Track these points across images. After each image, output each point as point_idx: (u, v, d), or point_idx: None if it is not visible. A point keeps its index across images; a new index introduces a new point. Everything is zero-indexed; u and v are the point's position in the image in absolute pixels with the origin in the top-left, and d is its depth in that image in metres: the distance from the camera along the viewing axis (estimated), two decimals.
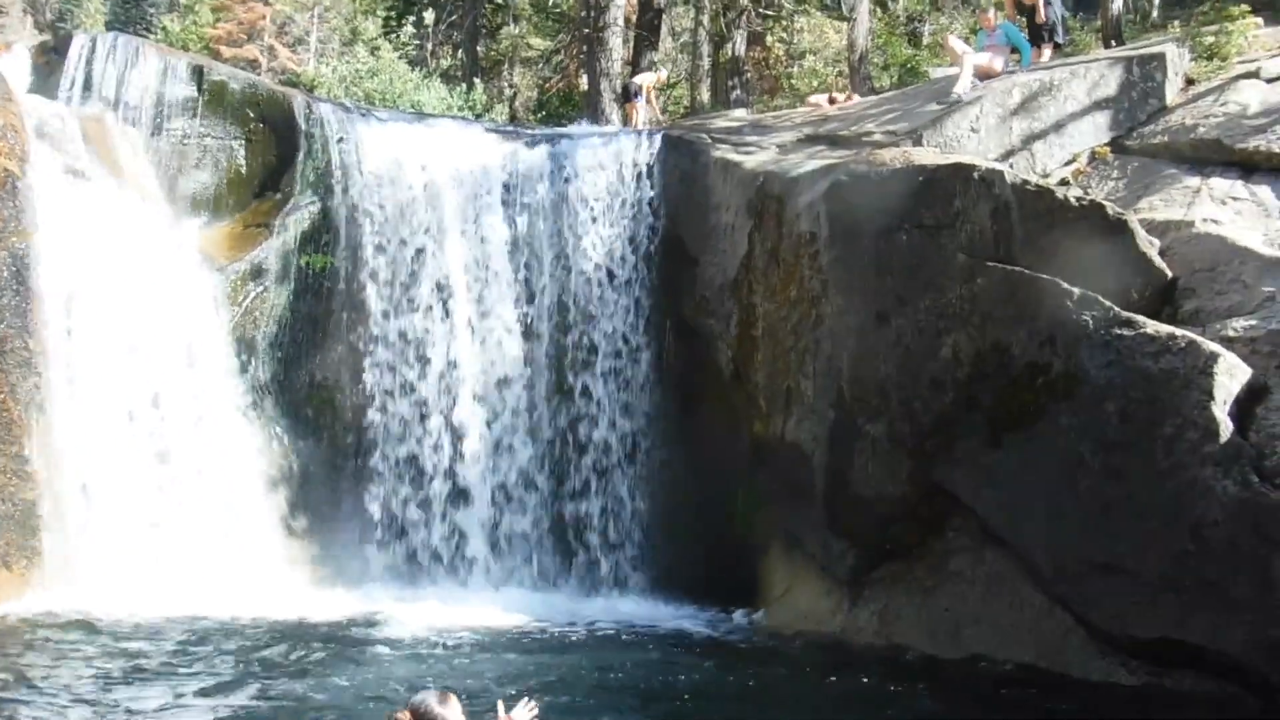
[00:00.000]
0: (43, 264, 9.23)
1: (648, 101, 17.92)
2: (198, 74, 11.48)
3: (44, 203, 9.41)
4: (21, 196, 9.19)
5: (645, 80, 18.30)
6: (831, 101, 15.38)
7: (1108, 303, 7.65)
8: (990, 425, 8.07)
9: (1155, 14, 14.97)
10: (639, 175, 11.71)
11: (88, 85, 11.03)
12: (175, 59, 11.84)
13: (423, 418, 10.84)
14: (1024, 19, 13.63)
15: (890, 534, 8.74)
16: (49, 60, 11.45)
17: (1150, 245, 8.27)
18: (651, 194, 11.65)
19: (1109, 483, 7.31)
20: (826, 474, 9.21)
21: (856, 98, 14.93)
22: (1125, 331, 7.46)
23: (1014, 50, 12.01)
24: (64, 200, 9.64)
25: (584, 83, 26.06)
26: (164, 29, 47.82)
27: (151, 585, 8.83)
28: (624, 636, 8.98)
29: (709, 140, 11.96)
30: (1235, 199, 9.28)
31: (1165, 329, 7.41)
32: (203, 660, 7.36)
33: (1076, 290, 7.78)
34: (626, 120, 17.99)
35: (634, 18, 26.06)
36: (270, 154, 11.40)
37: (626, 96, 18.36)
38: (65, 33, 22.34)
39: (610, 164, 11.80)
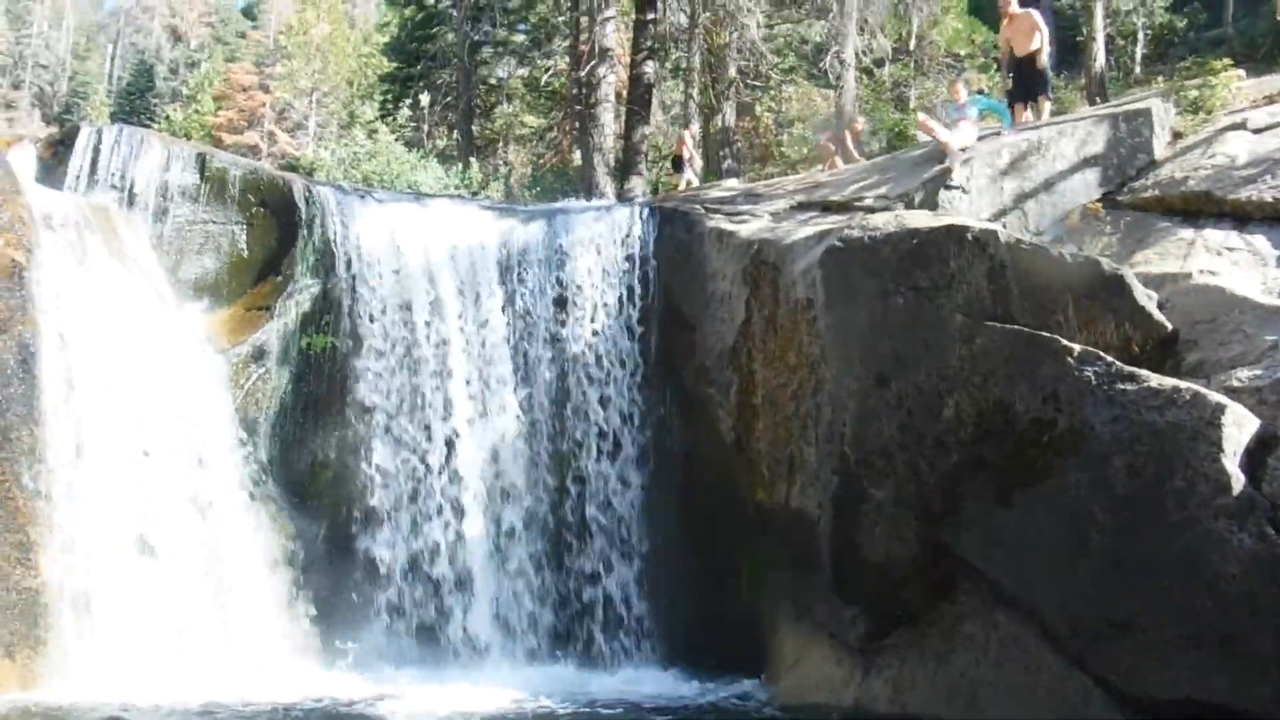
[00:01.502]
0: (48, 353, 9.26)
1: (690, 161, 18.15)
2: (200, 162, 11.65)
3: (50, 292, 9.49)
4: (28, 286, 9.28)
5: (686, 143, 18.45)
6: (838, 142, 15.62)
7: (1109, 358, 7.63)
8: (997, 485, 8.00)
9: (1138, 70, 15.25)
10: (634, 247, 11.81)
11: (93, 175, 11.20)
12: (178, 147, 12.02)
13: (424, 498, 10.79)
14: (1012, 75, 13.85)
15: (900, 599, 8.61)
16: (56, 152, 11.57)
17: (1149, 299, 8.29)
18: (647, 265, 11.73)
19: (1121, 539, 7.21)
20: (833, 540, 9.12)
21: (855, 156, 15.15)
22: (1129, 386, 7.42)
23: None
24: (70, 289, 9.72)
25: (577, 158, 26.45)
26: (167, 118, 48.69)
27: (155, 674, 8.70)
28: (630, 712, 8.81)
29: (703, 211, 12.08)
30: (1231, 249, 9.34)
31: (1169, 382, 7.38)
32: None
33: (1077, 346, 7.76)
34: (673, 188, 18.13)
35: (624, 93, 26.52)
36: (271, 238, 11.51)
37: (678, 169, 18.44)
38: (72, 125, 22.72)
39: (606, 237, 11.90)
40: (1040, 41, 13.41)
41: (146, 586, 9.26)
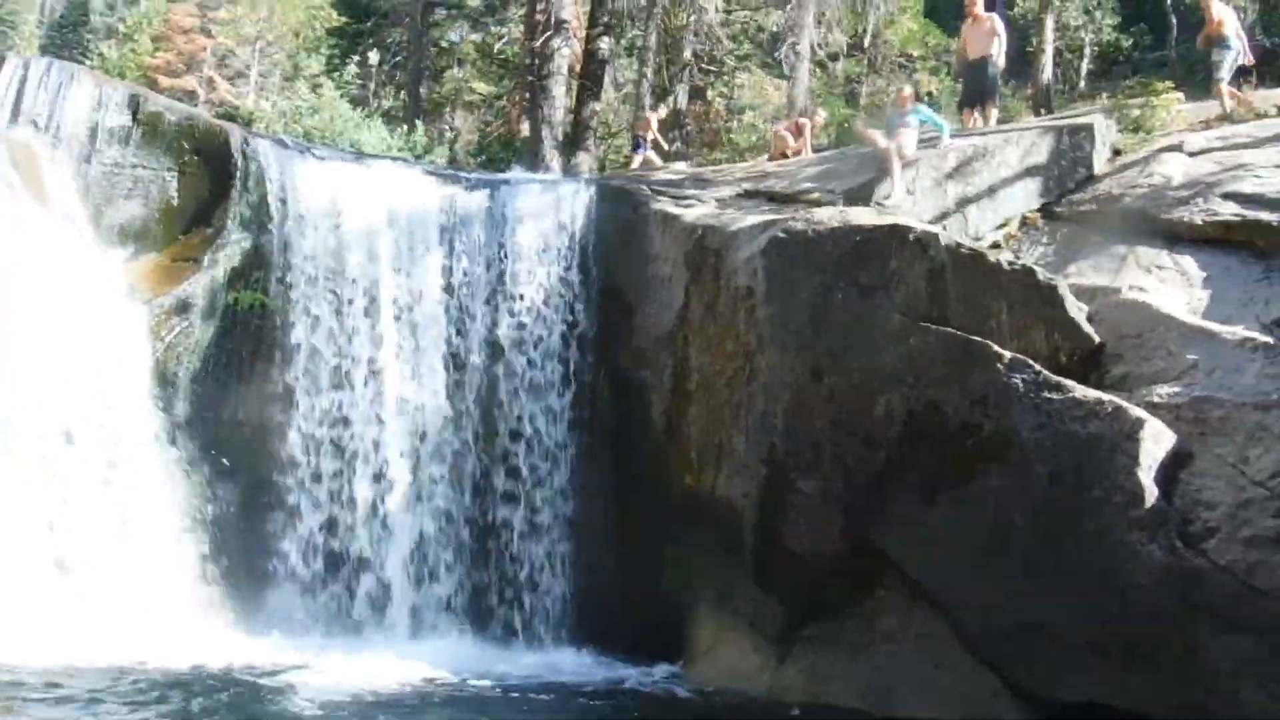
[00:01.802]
0: None
1: (654, 147, 17.64)
2: (133, 103, 11.22)
3: None
4: None
5: (652, 124, 17.94)
6: (797, 129, 15.50)
7: (1038, 366, 7.77)
8: (922, 484, 8.11)
9: (1083, 84, 15.48)
10: (578, 223, 11.68)
11: (17, 110, 10.74)
12: (110, 87, 11.57)
13: (347, 461, 10.59)
14: (963, 79, 13.88)
15: (821, 592, 8.71)
16: None
17: (1079, 310, 8.42)
18: (589, 242, 11.62)
19: (1038, 544, 7.36)
20: (757, 530, 9.17)
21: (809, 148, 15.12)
22: (1054, 395, 7.57)
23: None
24: None
25: (526, 129, 26.15)
26: (101, 56, 47.06)
27: (60, 632, 8.42)
28: (543, 691, 8.77)
29: (649, 192, 12.00)
30: (1160, 268, 9.51)
31: (1093, 394, 7.54)
32: (110, 710, 7.02)
33: (1008, 353, 7.89)
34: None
35: (578, 67, 26.26)
36: (203, 188, 11.14)
37: (636, 148, 17.89)
38: None
39: (549, 211, 11.75)
40: (997, 47, 13.48)
41: (53, 546, 8.98)
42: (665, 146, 17.85)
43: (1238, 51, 12.72)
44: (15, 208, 9.83)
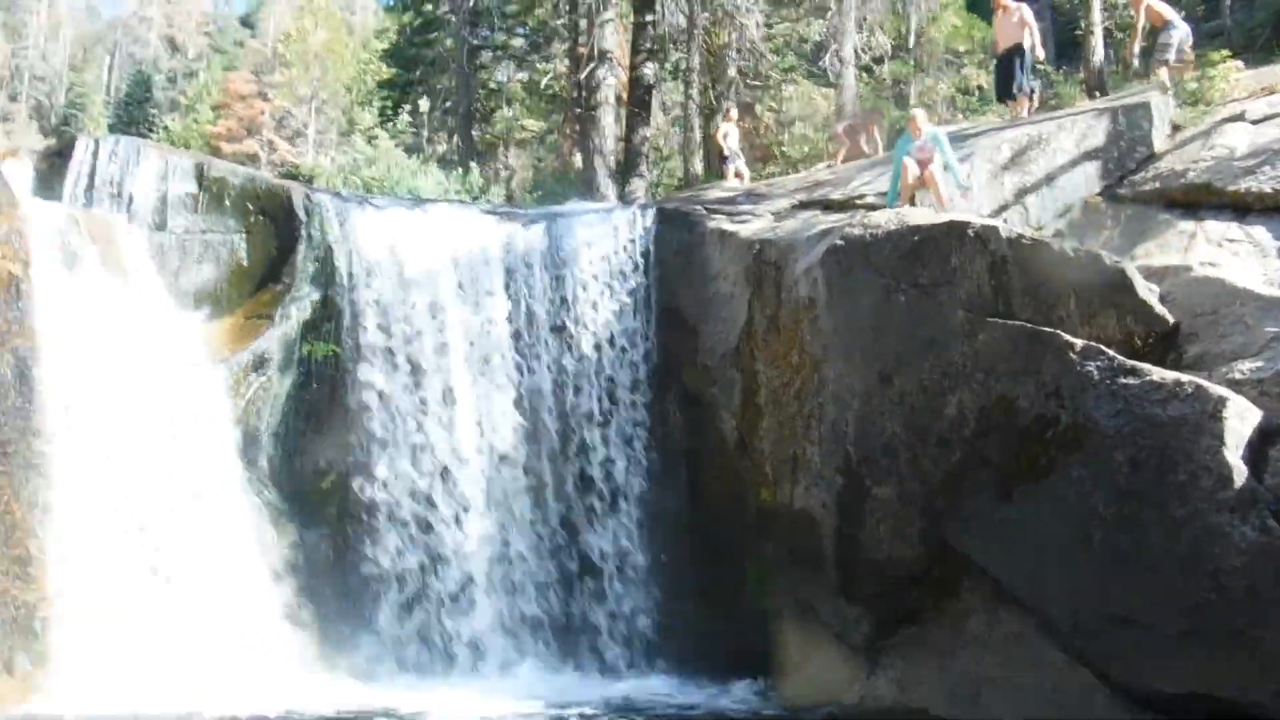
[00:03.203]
0: (46, 365, 9.23)
1: (735, 155, 17.16)
2: (198, 171, 11.59)
3: (48, 304, 9.45)
4: (25, 299, 9.24)
5: (730, 133, 17.34)
6: (853, 130, 15.39)
7: (1111, 352, 7.61)
8: (1000, 481, 7.97)
9: (1136, 63, 15.19)
10: (636, 249, 11.79)
11: (91, 187, 11.13)
12: (176, 157, 11.98)
13: (427, 502, 10.75)
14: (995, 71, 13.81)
15: (904, 598, 8.60)
16: (52, 164, 11.51)
17: (1150, 292, 8.27)
18: (649, 266, 11.71)
19: (1123, 533, 7.18)
20: (837, 539, 9.10)
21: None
22: (1131, 380, 7.39)
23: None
24: (68, 301, 9.68)
25: (578, 161, 26.42)
26: (165, 129, 48.72)
27: (157, 683, 8.65)
28: (638, 715, 8.79)
29: (704, 211, 12.06)
30: (1231, 241, 9.31)
31: (1171, 375, 7.35)
32: None
33: (1079, 341, 7.74)
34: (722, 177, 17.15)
35: (624, 95, 26.46)
36: (271, 246, 11.44)
37: (723, 160, 17.38)
38: (69, 136, 22.71)
39: (607, 239, 11.88)
40: (1029, 38, 13.37)
41: (148, 597, 9.22)
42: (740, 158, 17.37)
43: (1187, 31, 13.23)
44: (95, 280, 10.17)
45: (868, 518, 8.81)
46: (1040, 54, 13.81)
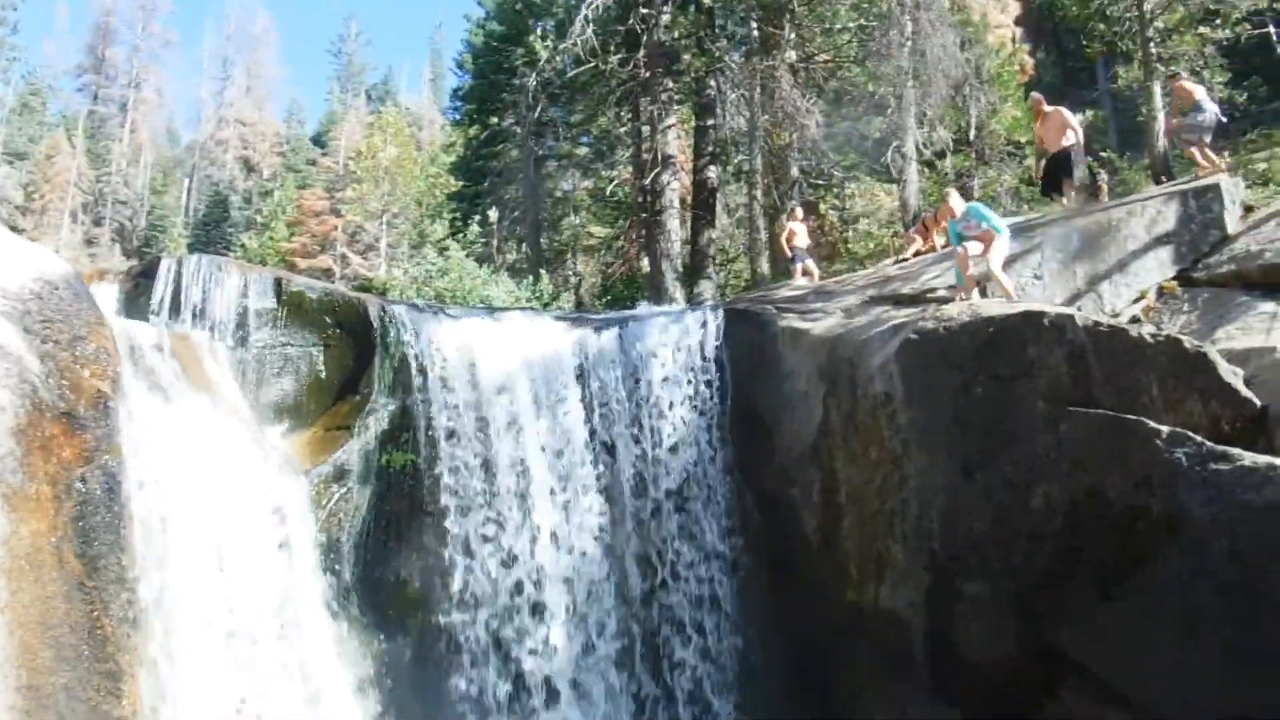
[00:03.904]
0: (135, 481, 9.44)
1: (806, 249, 17.23)
2: (276, 286, 11.85)
3: (135, 421, 9.70)
4: (113, 416, 9.47)
5: (796, 232, 17.43)
6: (925, 228, 15.50)
7: (1199, 438, 7.42)
8: (1096, 576, 7.74)
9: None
10: (708, 350, 11.84)
11: (174, 305, 11.39)
12: (255, 274, 12.24)
13: (509, 613, 10.71)
14: (1045, 169, 14.00)
15: (1003, 700, 8.30)
16: (137, 284, 11.82)
17: (1234, 375, 8.08)
18: (722, 368, 11.74)
19: (1231, 627, 6.89)
20: (928, 640, 8.87)
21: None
22: (1222, 466, 7.18)
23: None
24: (154, 417, 9.91)
25: (645, 265, 26.77)
26: (243, 247, 50.53)
27: None
28: None
29: (774, 310, 12.11)
30: None
31: (1264, 459, 7.13)
32: None
33: (1165, 428, 7.56)
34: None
35: (689, 198, 26.90)
36: (348, 357, 11.66)
37: (792, 260, 17.48)
38: (152, 257, 23.59)
39: (679, 342, 11.96)
40: (1074, 139, 13.53)
41: (237, 712, 9.25)
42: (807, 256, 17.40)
43: (1214, 113, 13.43)
44: (181, 396, 10.44)
45: (958, 616, 8.58)
46: (1081, 150, 14.10)
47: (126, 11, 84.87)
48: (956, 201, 10.98)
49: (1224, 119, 13.90)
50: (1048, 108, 14.13)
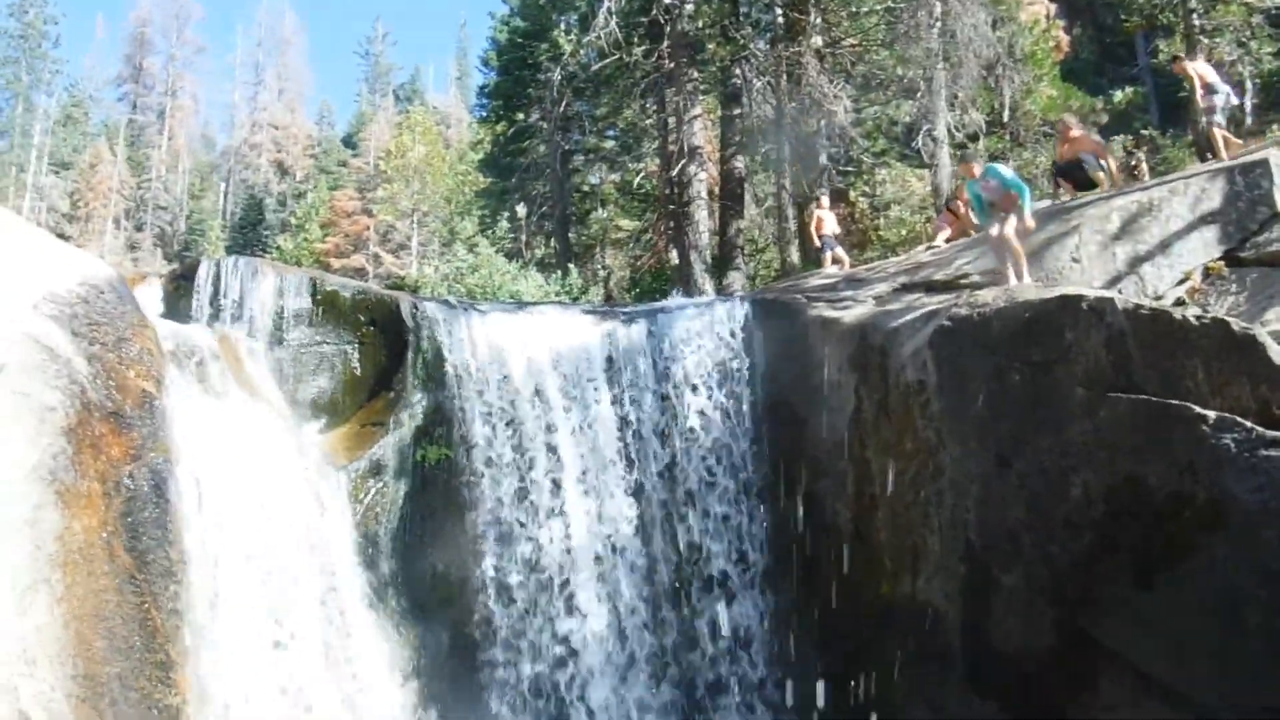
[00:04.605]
0: (181, 478, 9.56)
1: (834, 237, 17.10)
2: (312, 286, 11.98)
3: (179, 419, 9.82)
4: (158, 415, 9.60)
5: (825, 220, 17.27)
6: (953, 214, 15.39)
7: (1248, 423, 7.22)
8: (1136, 565, 7.60)
9: (1249, 120, 14.93)
10: (738, 341, 11.79)
11: (214, 306, 11.60)
12: (290, 274, 12.39)
13: (543, 604, 10.76)
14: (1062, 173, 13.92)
15: (1039, 691, 8.19)
16: (178, 286, 12.05)
17: None
18: (751, 358, 11.69)
19: (1278, 616, 6.76)
20: (964, 631, 8.76)
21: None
22: (1272, 452, 6.98)
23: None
24: (197, 415, 10.04)
25: (674, 257, 26.71)
26: (278, 248, 51.09)
27: None
28: None
29: (804, 300, 12.03)
30: None
31: None
32: None
33: (1211, 413, 7.36)
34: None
35: (716, 190, 26.77)
36: (382, 354, 11.75)
37: (822, 249, 17.33)
38: (192, 260, 23.83)
39: (708, 333, 11.93)
40: (1096, 149, 13.49)
41: (281, 701, 9.35)
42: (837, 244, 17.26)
43: (1227, 94, 13.53)
44: (223, 394, 10.56)
45: (995, 607, 8.48)
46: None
47: (161, 20, 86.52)
48: (973, 166, 10.97)
49: (1236, 100, 13.85)
50: (1077, 132, 14.04)
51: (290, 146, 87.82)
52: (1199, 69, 13.77)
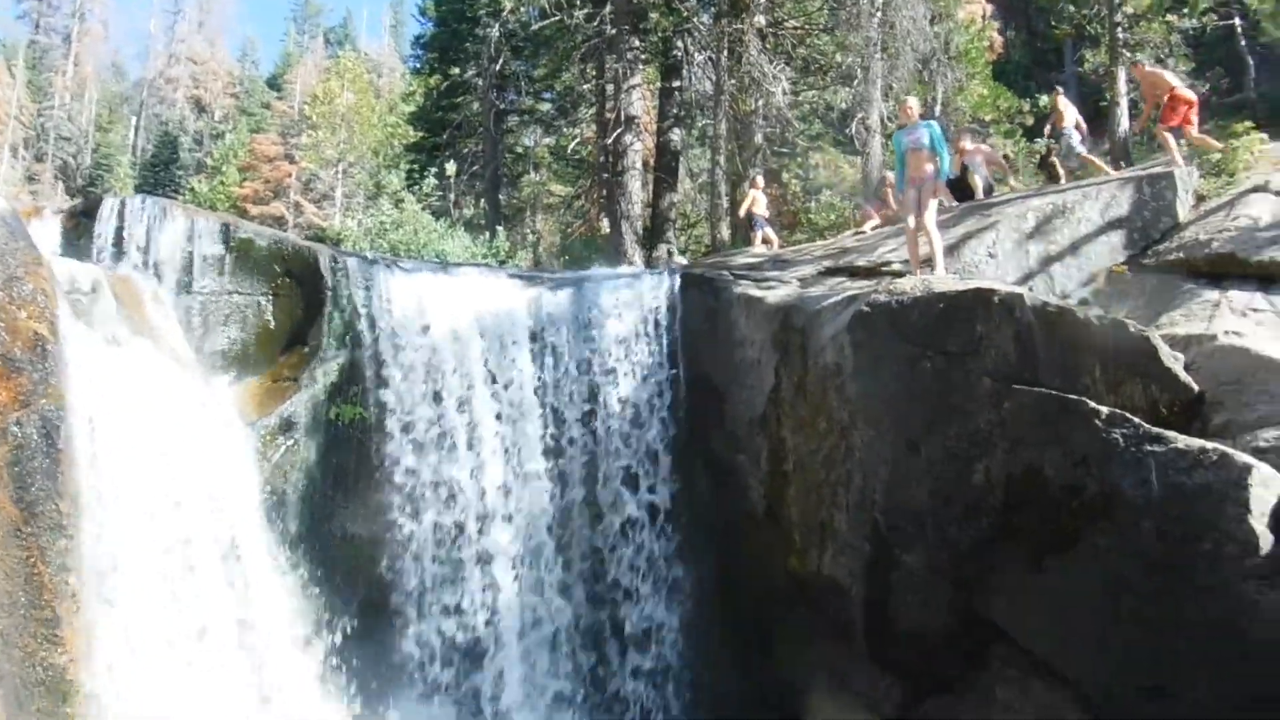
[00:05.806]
0: (72, 426, 9.27)
1: (765, 219, 17.30)
2: (225, 232, 11.54)
3: (73, 365, 9.46)
4: (51, 359, 9.21)
5: (758, 200, 17.43)
6: (881, 202, 15.74)
7: (1137, 420, 7.58)
8: (1029, 550, 7.92)
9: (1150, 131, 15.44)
10: (662, 314, 11.87)
11: (117, 246, 11.08)
12: (202, 218, 11.88)
13: (456, 568, 10.75)
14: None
15: (935, 667, 8.51)
16: (78, 223, 11.47)
17: (1175, 360, 8.26)
18: (675, 332, 11.77)
19: (1152, 603, 7.12)
20: (866, 608, 9.04)
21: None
22: (1156, 448, 7.36)
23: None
24: (93, 361, 9.70)
25: (605, 226, 26.65)
26: (192, 190, 49.50)
27: None
28: None
29: (730, 277, 12.15)
30: (1255, 310, 9.31)
31: (1196, 443, 7.31)
32: None
33: (1105, 409, 7.72)
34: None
35: (651, 161, 26.71)
36: (298, 308, 11.47)
37: (751, 226, 17.54)
38: (94, 196, 23.00)
39: (634, 304, 11.97)
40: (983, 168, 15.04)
41: (178, 662, 9.20)
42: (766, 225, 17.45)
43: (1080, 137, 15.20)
44: (122, 341, 10.23)
45: (896, 586, 8.75)
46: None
47: None
48: (915, 110, 11.03)
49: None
50: (969, 144, 15.80)
51: (209, 83, 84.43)
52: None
